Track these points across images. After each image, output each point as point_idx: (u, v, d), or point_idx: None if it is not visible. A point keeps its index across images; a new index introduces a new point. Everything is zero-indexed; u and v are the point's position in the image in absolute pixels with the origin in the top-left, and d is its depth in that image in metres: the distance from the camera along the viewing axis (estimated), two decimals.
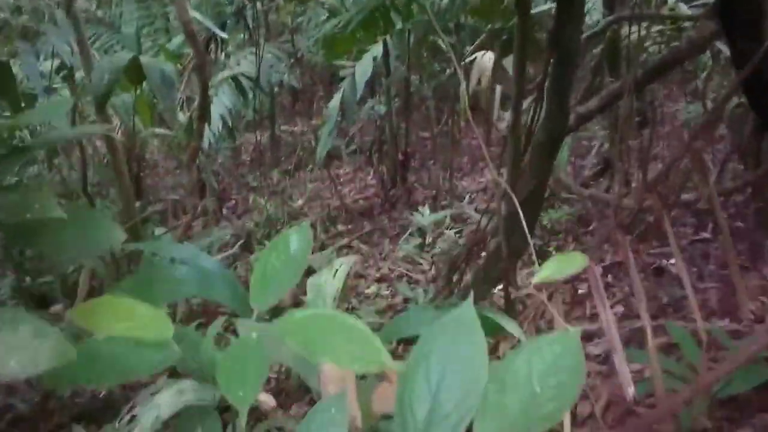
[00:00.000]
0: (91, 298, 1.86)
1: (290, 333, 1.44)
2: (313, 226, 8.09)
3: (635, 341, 3.42)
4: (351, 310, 4.91)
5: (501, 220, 3.46)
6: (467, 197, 8.04)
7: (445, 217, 6.60)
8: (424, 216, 6.42)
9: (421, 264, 5.94)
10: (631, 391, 2.25)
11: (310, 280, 3.07)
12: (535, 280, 1.55)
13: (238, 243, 7.61)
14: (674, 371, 2.91)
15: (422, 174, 8.87)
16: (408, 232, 6.91)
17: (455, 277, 3.94)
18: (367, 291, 5.57)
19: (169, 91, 3.92)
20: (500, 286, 3.93)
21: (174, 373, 3.59)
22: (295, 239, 1.90)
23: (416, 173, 8.90)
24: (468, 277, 4.00)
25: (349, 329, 1.45)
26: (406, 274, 5.76)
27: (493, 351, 3.27)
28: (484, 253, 4.42)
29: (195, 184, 9.50)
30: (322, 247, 7.41)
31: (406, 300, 5.07)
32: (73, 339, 1.49)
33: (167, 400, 2.29)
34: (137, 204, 9.26)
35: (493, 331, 2.59)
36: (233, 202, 9.92)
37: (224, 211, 9.66)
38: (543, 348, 1.10)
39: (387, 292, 5.48)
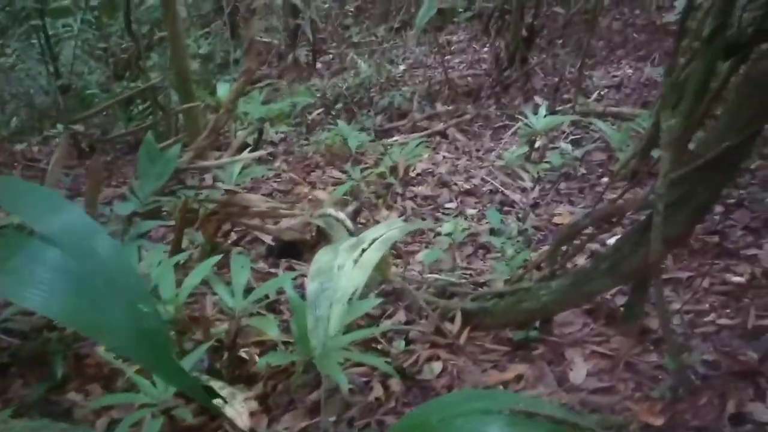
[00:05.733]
0: None
1: None
2: (409, 100, 6.70)
3: None
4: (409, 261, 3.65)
5: (663, 185, 2.00)
6: (596, 94, 6.33)
7: (563, 123, 5.04)
8: (538, 117, 4.88)
9: (522, 180, 4.50)
10: None
11: (319, 256, 1.79)
12: None
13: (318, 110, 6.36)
14: None
15: (547, 56, 7.12)
16: (513, 130, 5.41)
17: (561, 255, 2.54)
18: (448, 205, 4.25)
19: None
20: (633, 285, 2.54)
21: None
22: None
23: (539, 54, 7.15)
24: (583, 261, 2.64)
25: None
26: (502, 192, 4.36)
27: None
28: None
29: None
30: (414, 129, 6.07)
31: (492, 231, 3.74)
32: None
33: None
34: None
35: None
36: (330, 56, 8.55)
37: (318, 65, 8.33)
38: None
39: (473, 212, 4.14)
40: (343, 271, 1.66)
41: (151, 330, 1.27)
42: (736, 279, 3.01)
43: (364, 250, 1.71)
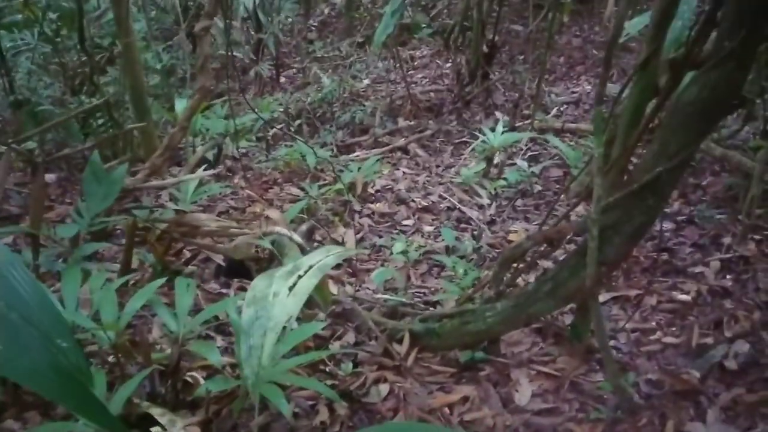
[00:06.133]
0: None
1: None
2: (371, 115, 6.69)
3: None
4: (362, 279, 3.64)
5: (596, 211, 2.03)
6: (555, 110, 6.40)
7: (521, 139, 5.09)
8: (495, 133, 4.92)
9: (480, 196, 4.53)
10: None
11: (256, 283, 1.78)
12: None
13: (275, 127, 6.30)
14: None
15: (507, 72, 7.18)
16: (473, 146, 5.43)
17: (508, 277, 2.56)
18: (405, 222, 4.25)
19: None
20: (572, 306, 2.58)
21: None
22: None
23: (500, 70, 7.22)
24: (530, 281, 2.66)
25: None
26: (459, 208, 4.38)
27: None
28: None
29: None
30: (376, 145, 6.07)
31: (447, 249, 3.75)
32: None
33: None
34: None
35: None
36: (294, 70, 8.52)
37: (282, 79, 8.30)
38: None
39: (430, 229, 4.16)
40: (277, 299, 1.65)
41: (69, 366, 1.24)
42: (683, 297, 3.06)
43: (300, 277, 1.71)
